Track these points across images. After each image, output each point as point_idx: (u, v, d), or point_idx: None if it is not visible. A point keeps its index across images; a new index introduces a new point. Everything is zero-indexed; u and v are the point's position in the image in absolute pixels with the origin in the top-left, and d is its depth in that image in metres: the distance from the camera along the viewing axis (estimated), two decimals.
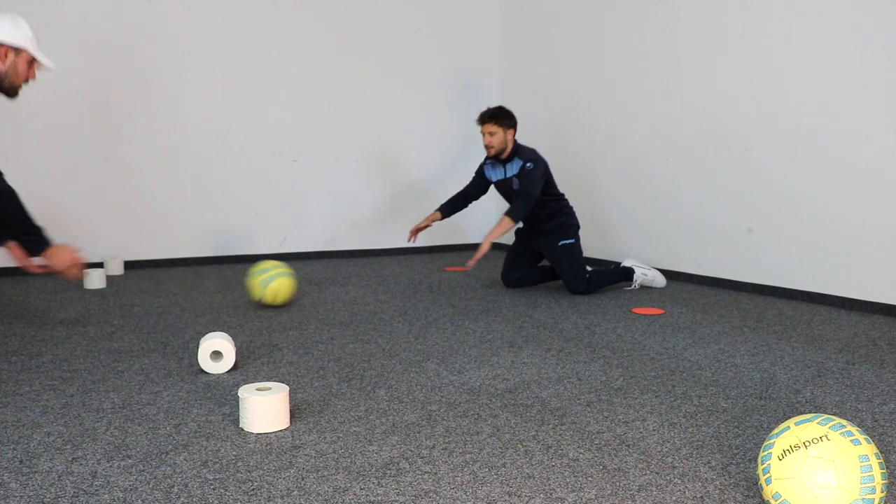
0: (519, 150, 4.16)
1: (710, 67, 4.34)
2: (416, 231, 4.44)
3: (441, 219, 4.45)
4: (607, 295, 4.08)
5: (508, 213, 4.05)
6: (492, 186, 4.39)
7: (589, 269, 4.19)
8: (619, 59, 4.95)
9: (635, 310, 3.68)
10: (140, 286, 4.35)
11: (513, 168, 4.17)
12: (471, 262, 4.09)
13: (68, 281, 4.13)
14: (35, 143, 4.77)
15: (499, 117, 4.11)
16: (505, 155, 4.17)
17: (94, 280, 4.27)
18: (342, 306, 3.78)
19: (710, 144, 4.36)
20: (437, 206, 4.54)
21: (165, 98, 5.07)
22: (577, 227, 4.29)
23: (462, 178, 6.10)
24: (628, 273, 4.24)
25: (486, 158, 4.33)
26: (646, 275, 4.27)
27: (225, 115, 5.25)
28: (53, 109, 4.79)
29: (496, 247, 6.19)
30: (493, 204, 6.25)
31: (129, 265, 4.99)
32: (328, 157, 5.62)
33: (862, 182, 3.62)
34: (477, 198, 4.51)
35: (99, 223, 4.96)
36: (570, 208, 4.31)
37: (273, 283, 3.62)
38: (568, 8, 5.36)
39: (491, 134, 4.10)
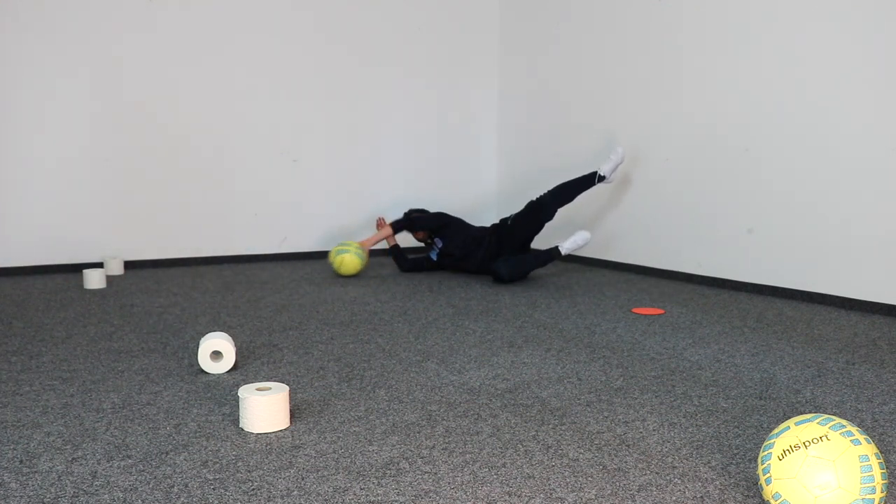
0: (429, 236, 5.02)
1: (710, 68, 4.34)
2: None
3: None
4: (607, 295, 4.08)
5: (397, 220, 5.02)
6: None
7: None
8: (618, 59, 4.95)
9: (635, 310, 3.68)
10: (140, 286, 4.35)
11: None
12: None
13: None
14: (35, 143, 4.77)
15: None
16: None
17: (94, 280, 4.27)
18: (342, 306, 3.78)
19: (710, 144, 4.36)
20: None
21: (166, 98, 5.06)
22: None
23: (462, 177, 6.12)
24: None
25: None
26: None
27: (225, 116, 5.25)
28: (53, 111, 4.79)
29: None
30: (492, 201, 6.25)
31: (129, 265, 4.99)
32: (328, 157, 5.62)
33: (862, 182, 3.62)
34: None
35: (99, 223, 4.96)
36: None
37: (343, 255, 4.57)
38: (567, 8, 5.36)
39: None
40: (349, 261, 4.55)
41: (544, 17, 5.60)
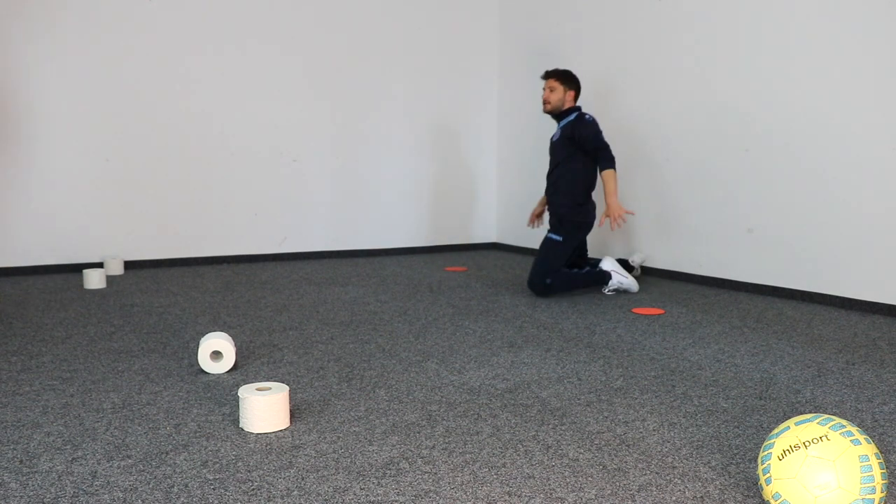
0: (575, 110, 4.12)
1: (710, 68, 4.34)
2: (536, 216, 4.56)
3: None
4: (607, 294, 4.08)
5: (604, 168, 3.97)
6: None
7: (565, 270, 4.07)
8: (618, 59, 4.95)
9: (635, 310, 3.68)
10: (140, 286, 4.35)
11: (563, 123, 4.13)
12: (613, 226, 3.92)
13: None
14: (35, 143, 4.77)
15: (561, 75, 4.13)
16: (559, 112, 4.15)
17: (94, 280, 4.27)
18: (342, 306, 3.78)
19: (710, 144, 4.36)
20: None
21: (165, 98, 5.06)
22: (575, 225, 4.10)
23: (462, 175, 6.12)
24: (602, 278, 4.10)
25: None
26: (622, 282, 4.11)
27: (225, 115, 5.25)
28: (53, 110, 4.79)
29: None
30: (493, 200, 6.25)
31: (129, 265, 4.99)
32: (328, 157, 5.63)
33: (862, 182, 3.62)
34: None
35: (99, 223, 4.96)
36: (582, 207, 4.13)
37: None
38: (567, 8, 5.36)
39: (551, 90, 4.12)
40: None
41: (544, 20, 5.59)
